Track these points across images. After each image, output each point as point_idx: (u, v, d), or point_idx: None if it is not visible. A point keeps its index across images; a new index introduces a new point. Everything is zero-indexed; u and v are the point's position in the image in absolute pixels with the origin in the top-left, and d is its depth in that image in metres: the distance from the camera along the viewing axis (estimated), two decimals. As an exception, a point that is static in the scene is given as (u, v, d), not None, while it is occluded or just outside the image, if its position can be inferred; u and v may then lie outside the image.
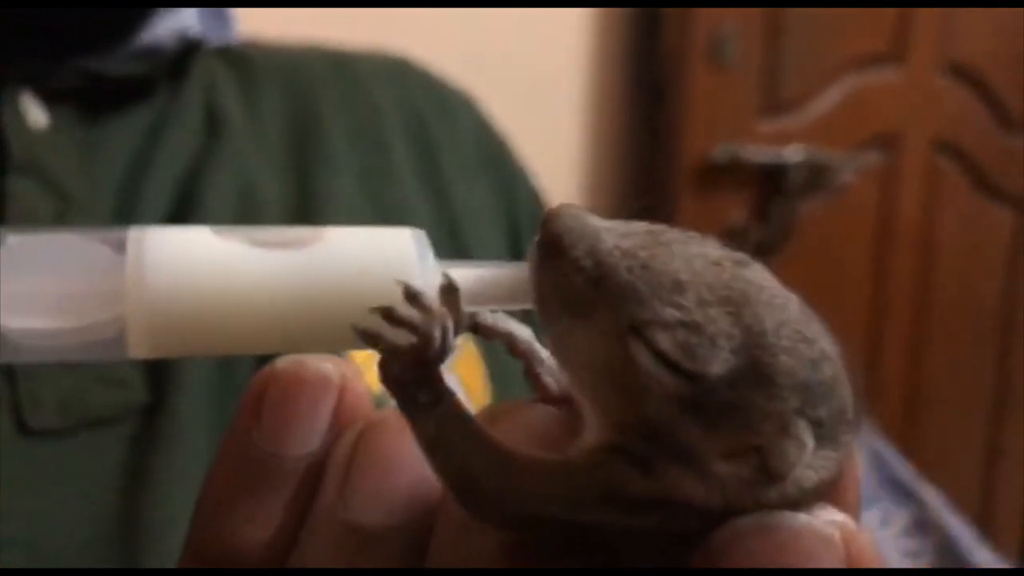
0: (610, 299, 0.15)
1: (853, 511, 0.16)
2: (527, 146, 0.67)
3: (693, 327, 0.15)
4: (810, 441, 0.15)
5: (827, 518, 0.15)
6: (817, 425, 0.15)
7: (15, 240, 0.13)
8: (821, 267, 1.50)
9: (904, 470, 0.99)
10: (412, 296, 0.15)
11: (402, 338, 0.15)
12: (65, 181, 0.38)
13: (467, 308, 0.17)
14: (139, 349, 0.14)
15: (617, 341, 0.15)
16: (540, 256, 0.16)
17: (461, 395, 0.16)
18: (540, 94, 1.37)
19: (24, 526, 0.33)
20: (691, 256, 0.16)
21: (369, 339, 0.15)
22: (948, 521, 0.92)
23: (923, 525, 0.96)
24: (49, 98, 0.40)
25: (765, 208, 1.50)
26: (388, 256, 0.15)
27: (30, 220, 0.37)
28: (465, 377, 0.41)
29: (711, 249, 0.16)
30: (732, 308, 0.15)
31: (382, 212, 0.47)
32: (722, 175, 1.47)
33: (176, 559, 0.33)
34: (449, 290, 0.16)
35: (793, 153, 1.47)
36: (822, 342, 0.16)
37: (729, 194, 1.49)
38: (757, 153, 1.46)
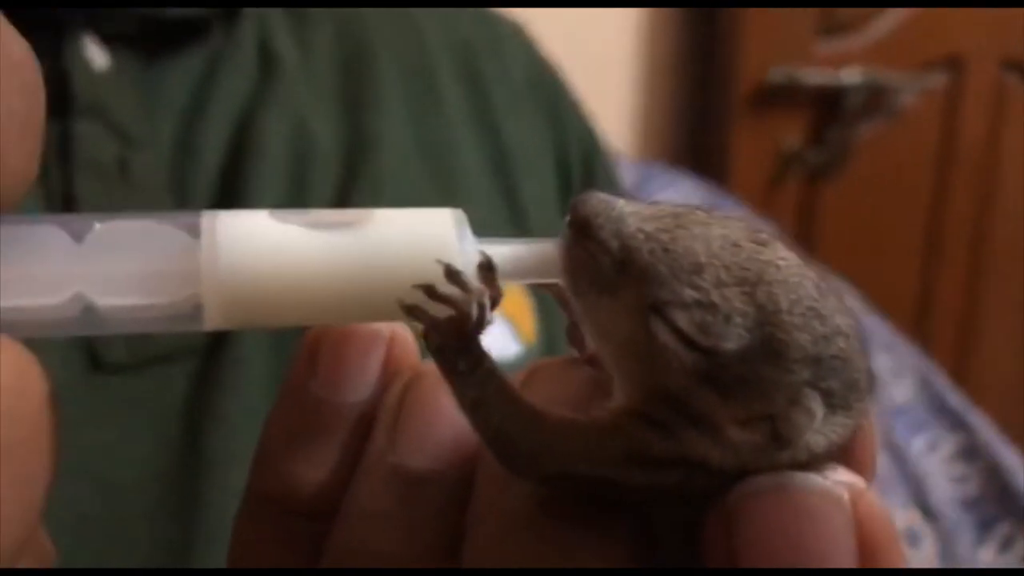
0: (633, 279, 0.17)
1: (867, 473, 0.17)
2: (578, 73, 0.67)
3: (709, 306, 0.16)
4: (819, 410, 0.16)
5: (837, 478, 0.16)
6: (828, 395, 0.16)
7: (102, 226, 0.15)
8: (878, 193, 1.48)
9: (954, 397, 0.99)
10: (452, 274, 0.17)
11: (443, 312, 0.17)
12: (127, 123, 0.39)
13: (503, 282, 0.18)
14: (213, 322, 0.16)
15: (639, 318, 0.17)
16: (570, 236, 0.17)
17: (509, 329, 0.17)
18: (592, 18, 1.35)
19: (93, 458, 0.34)
20: (711, 238, 0.17)
21: (413, 313, 0.17)
22: (996, 448, 0.92)
23: (971, 452, 0.97)
24: (109, 42, 0.41)
25: (821, 132, 1.47)
26: (430, 236, 0.17)
27: (94, 162, 0.38)
28: (513, 313, 0.43)
29: (733, 230, 0.17)
30: (747, 287, 0.16)
31: (431, 149, 0.47)
32: (777, 98, 1.44)
33: (236, 493, 0.35)
34: (486, 267, 0.18)
35: (851, 75, 1.43)
36: (836, 317, 0.17)
37: (784, 118, 1.46)
38: (814, 75, 1.43)
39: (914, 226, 1.52)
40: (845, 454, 0.17)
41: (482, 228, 0.19)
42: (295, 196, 0.42)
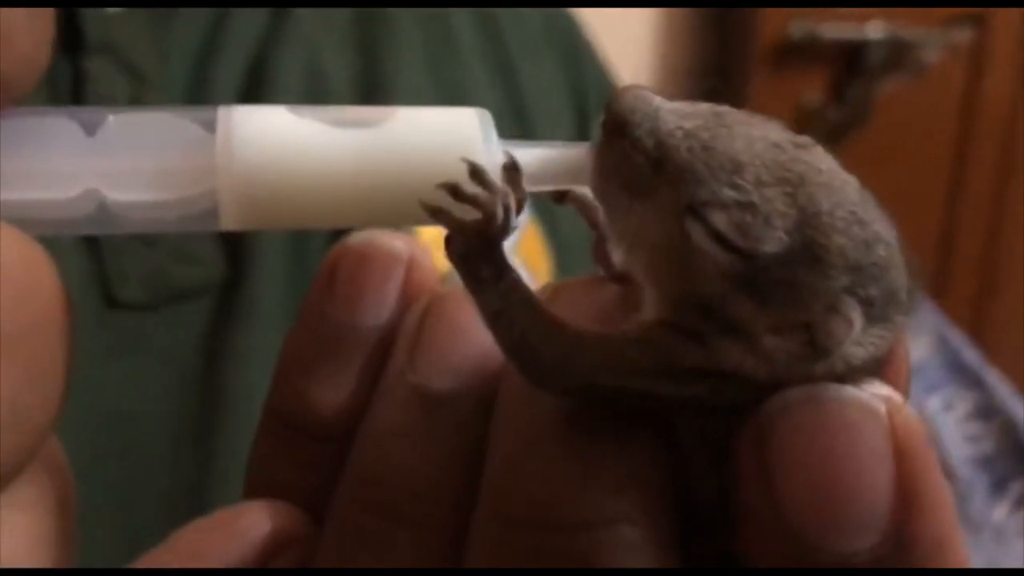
0: (670, 179, 0.16)
1: (902, 388, 0.17)
2: (596, 22, 0.66)
3: (748, 207, 0.15)
4: (858, 319, 0.16)
5: (873, 391, 0.16)
6: (867, 304, 0.16)
7: (115, 118, 0.14)
8: (899, 150, 1.46)
9: (971, 355, 0.98)
10: (476, 173, 0.16)
11: (467, 213, 0.16)
12: (139, 61, 0.39)
13: (529, 187, 0.17)
14: (229, 221, 0.15)
15: (675, 219, 0.16)
16: (603, 135, 0.17)
17: (524, 275, 0.17)
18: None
19: (111, 395, 0.35)
20: (752, 138, 0.16)
21: (435, 214, 0.16)
22: (1013, 407, 0.92)
23: (987, 411, 0.96)
24: None
25: (842, 88, 1.44)
26: (454, 134, 0.16)
27: (107, 101, 0.38)
28: (528, 257, 0.42)
29: (773, 132, 0.16)
30: (788, 189, 0.16)
31: (447, 89, 0.47)
32: (798, 54, 1.41)
33: (252, 427, 0.35)
34: (512, 168, 0.17)
35: (873, 30, 1.41)
36: (877, 225, 0.16)
37: (805, 74, 1.44)
38: (835, 30, 1.40)
39: (935, 184, 1.50)
40: (881, 369, 0.17)
41: None
42: None
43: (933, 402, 0.96)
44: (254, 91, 0.42)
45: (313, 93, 0.43)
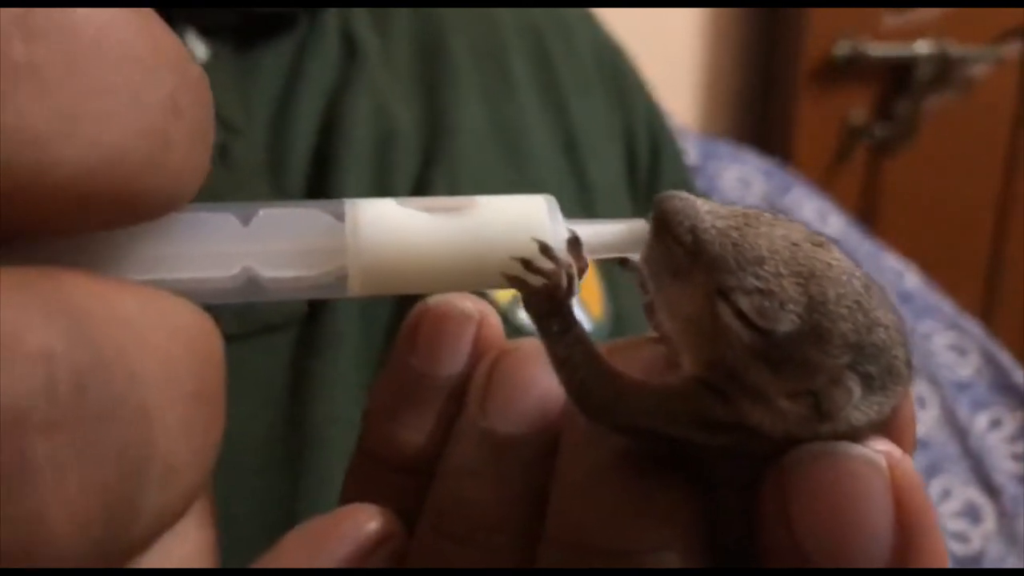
0: (704, 267, 0.19)
1: (907, 444, 0.20)
2: (643, 47, 0.68)
3: (768, 293, 0.19)
4: (857, 390, 0.19)
5: (876, 447, 0.19)
6: (866, 377, 0.19)
7: (264, 212, 0.18)
8: (946, 168, 1.46)
9: (1019, 375, 0.98)
10: (545, 250, 0.20)
11: (538, 281, 0.20)
12: (226, 111, 0.42)
13: (589, 256, 0.21)
14: (355, 289, 0.19)
15: (706, 300, 0.19)
16: (652, 230, 0.20)
17: (580, 308, 0.20)
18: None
19: None
20: (775, 237, 0.19)
21: (514, 282, 0.20)
22: (1060, 427, 0.92)
23: (1035, 430, 0.96)
24: (207, 34, 0.44)
25: (888, 106, 1.45)
26: (527, 218, 0.20)
27: None
28: (584, 293, 0.45)
29: (795, 232, 0.19)
30: (801, 280, 0.19)
31: (504, 131, 0.49)
32: (844, 72, 1.42)
33: (334, 451, 0.38)
34: (574, 243, 0.21)
35: (920, 47, 1.41)
36: (878, 312, 0.19)
37: (850, 92, 1.44)
38: (881, 48, 1.41)
39: (983, 202, 1.49)
40: (886, 429, 0.19)
41: None
42: (379, 178, 0.45)
43: (980, 420, 0.96)
44: (328, 136, 0.45)
45: (382, 136, 0.46)
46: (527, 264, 0.20)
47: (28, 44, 0.12)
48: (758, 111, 1.52)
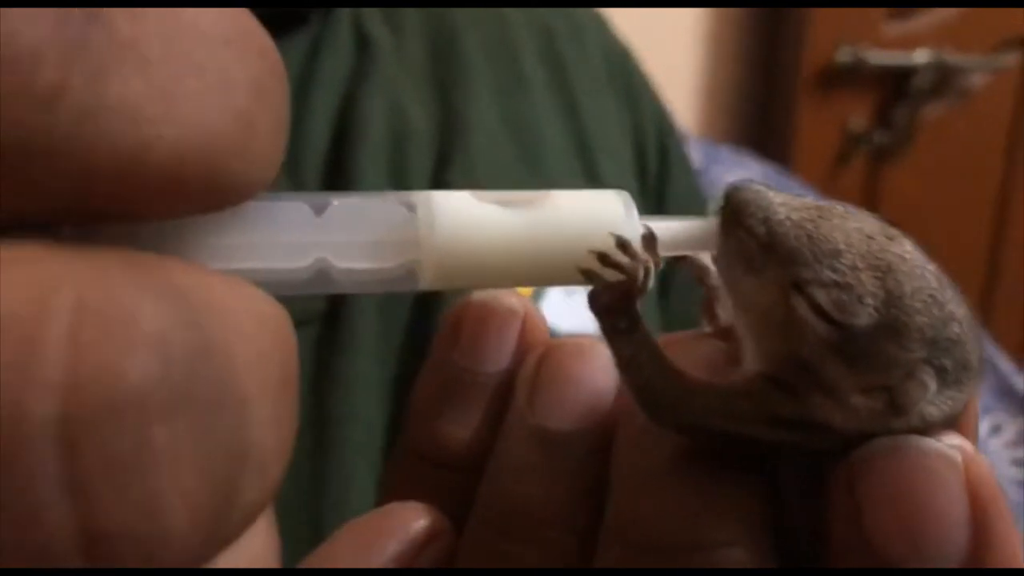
0: (779, 260, 0.19)
1: (971, 437, 0.19)
2: (645, 52, 0.68)
3: (845, 287, 0.18)
4: (932, 384, 0.19)
5: (950, 442, 0.18)
6: (941, 372, 0.19)
7: (339, 202, 0.18)
8: (944, 175, 1.46)
9: (1020, 380, 0.99)
10: (622, 244, 0.20)
11: (613, 276, 0.20)
12: None
13: (663, 253, 0.21)
14: (427, 283, 0.18)
15: (781, 293, 0.19)
16: (723, 222, 0.20)
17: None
18: (659, -3, 1.36)
19: None
20: (849, 229, 0.19)
21: (589, 276, 0.20)
22: (1062, 432, 0.92)
23: (1035, 435, 0.97)
24: None
25: (887, 113, 1.46)
26: (602, 212, 0.20)
27: None
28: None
29: (868, 224, 0.19)
30: (879, 274, 0.19)
31: (517, 129, 0.49)
32: (844, 79, 1.43)
33: (354, 446, 0.37)
34: (649, 239, 0.20)
35: (919, 56, 1.42)
36: (952, 306, 0.19)
37: (851, 99, 1.45)
38: (881, 56, 1.42)
39: (980, 209, 1.50)
40: (956, 424, 0.19)
41: None
42: (395, 176, 0.44)
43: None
44: (343, 134, 0.44)
45: (396, 134, 0.45)
46: (604, 258, 0.19)
47: (133, 24, 0.12)
48: (759, 117, 1.52)
